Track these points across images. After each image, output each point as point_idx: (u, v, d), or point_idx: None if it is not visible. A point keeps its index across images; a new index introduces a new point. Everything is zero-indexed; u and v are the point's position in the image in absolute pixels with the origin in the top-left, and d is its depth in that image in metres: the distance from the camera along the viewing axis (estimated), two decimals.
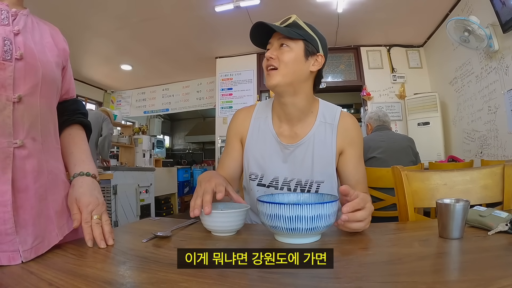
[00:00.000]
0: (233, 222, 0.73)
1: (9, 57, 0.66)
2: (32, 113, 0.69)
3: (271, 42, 0.98)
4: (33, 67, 0.70)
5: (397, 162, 1.93)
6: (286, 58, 0.94)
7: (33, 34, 0.76)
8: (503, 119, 2.77)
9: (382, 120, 2.58)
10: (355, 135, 1.04)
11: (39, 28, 0.80)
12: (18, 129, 0.66)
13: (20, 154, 0.65)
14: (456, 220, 0.62)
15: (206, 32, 4.11)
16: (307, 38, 0.97)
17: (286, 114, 1.03)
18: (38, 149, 0.70)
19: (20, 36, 0.70)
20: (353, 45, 4.50)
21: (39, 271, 0.51)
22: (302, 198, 0.78)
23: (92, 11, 3.46)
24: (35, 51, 0.72)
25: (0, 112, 0.63)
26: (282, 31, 0.94)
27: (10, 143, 0.64)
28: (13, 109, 0.65)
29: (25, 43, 0.70)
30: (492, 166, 1.02)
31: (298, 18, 0.98)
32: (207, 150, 8.77)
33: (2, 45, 0.66)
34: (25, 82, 0.68)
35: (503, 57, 2.70)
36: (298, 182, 1.02)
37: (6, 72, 0.65)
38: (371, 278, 0.46)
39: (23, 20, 0.74)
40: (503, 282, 0.40)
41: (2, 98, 0.64)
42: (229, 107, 4.77)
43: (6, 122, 0.64)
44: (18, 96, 0.66)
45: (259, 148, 1.06)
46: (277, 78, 0.95)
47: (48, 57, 0.76)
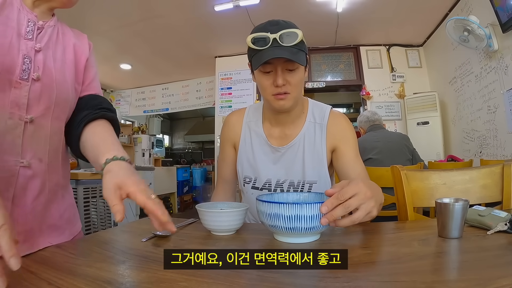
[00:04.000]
0: (233, 221, 0.73)
1: (26, 77, 0.65)
2: (41, 134, 0.69)
3: (273, 63, 0.89)
4: (49, 89, 0.69)
5: (394, 162, 1.92)
6: (297, 82, 0.92)
7: (55, 50, 0.74)
8: (502, 119, 2.77)
9: (371, 120, 2.56)
10: (346, 131, 1.03)
11: (63, 41, 0.78)
12: (26, 149, 0.66)
13: (25, 174, 0.65)
14: (455, 220, 0.62)
15: (206, 31, 4.11)
16: (306, 51, 0.93)
17: (278, 119, 1.04)
18: (43, 170, 0.69)
19: (41, 54, 0.69)
20: (353, 44, 4.50)
21: (39, 270, 0.50)
22: (301, 198, 0.78)
23: (91, 10, 3.45)
24: (53, 71, 0.70)
25: (11, 131, 0.63)
26: (296, 60, 0.86)
27: (17, 162, 0.64)
28: (24, 129, 0.65)
29: (45, 62, 0.69)
30: (492, 166, 1.02)
31: (303, 35, 0.89)
32: (207, 149, 8.77)
33: (21, 63, 0.65)
34: (39, 103, 0.67)
35: (502, 56, 2.70)
36: (290, 183, 1.03)
37: (22, 92, 0.64)
38: (370, 278, 0.46)
39: (48, 34, 0.72)
40: (502, 281, 0.40)
41: (15, 117, 0.63)
42: (229, 106, 4.76)
43: (16, 142, 0.64)
44: (31, 118, 0.65)
45: (251, 152, 1.07)
46: (290, 102, 0.94)
47: (66, 76, 0.74)
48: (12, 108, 0.63)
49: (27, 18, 0.69)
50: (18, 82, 0.63)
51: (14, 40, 0.65)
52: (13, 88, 0.63)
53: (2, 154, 0.62)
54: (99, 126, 0.77)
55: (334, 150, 1.03)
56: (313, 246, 0.63)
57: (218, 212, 0.73)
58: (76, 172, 2.36)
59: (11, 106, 0.63)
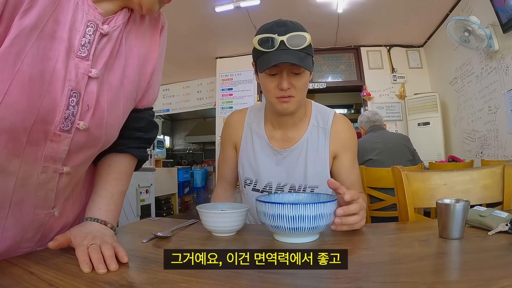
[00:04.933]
0: (233, 222, 0.73)
1: (69, 128, 0.49)
2: (76, 180, 0.61)
3: (279, 66, 0.86)
4: (95, 139, 0.55)
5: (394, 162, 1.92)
6: (302, 85, 0.91)
7: (114, 68, 0.53)
8: (503, 119, 2.77)
9: (372, 120, 2.56)
10: (348, 138, 1.04)
11: (127, 45, 0.56)
12: (58, 199, 0.58)
13: (52, 218, 0.61)
14: (456, 220, 0.62)
15: (206, 32, 4.11)
16: (312, 54, 0.92)
17: (281, 121, 1.03)
18: (70, 206, 0.64)
19: (95, 83, 0.49)
20: (353, 45, 4.50)
21: (39, 271, 0.50)
22: (300, 198, 0.78)
23: None
24: (106, 107, 0.53)
25: (44, 185, 0.54)
26: (303, 65, 0.84)
27: (48, 214, 0.58)
28: (58, 181, 0.55)
29: (98, 97, 0.51)
30: (492, 166, 1.02)
31: (310, 38, 0.87)
32: (208, 150, 8.78)
33: (65, 106, 0.47)
34: (80, 154, 0.55)
35: (503, 57, 2.70)
36: (291, 187, 1.02)
37: (61, 146, 0.50)
38: (371, 278, 0.46)
39: (111, 43, 0.52)
40: (503, 282, 0.40)
41: (49, 170, 0.52)
42: (230, 107, 4.77)
43: (49, 196, 0.55)
44: (68, 171, 0.55)
45: (252, 154, 1.06)
46: (294, 105, 0.94)
47: (120, 108, 0.57)
48: (46, 162, 0.51)
49: (86, 20, 0.47)
50: (57, 134, 0.48)
51: (60, 63, 0.45)
52: (49, 141, 0.49)
53: (33, 208, 0.55)
54: (115, 167, 0.66)
55: (335, 157, 1.03)
56: (314, 246, 0.63)
57: (218, 213, 0.73)
58: None
59: (45, 159, 0.51)
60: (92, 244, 0.52)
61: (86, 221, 0.61)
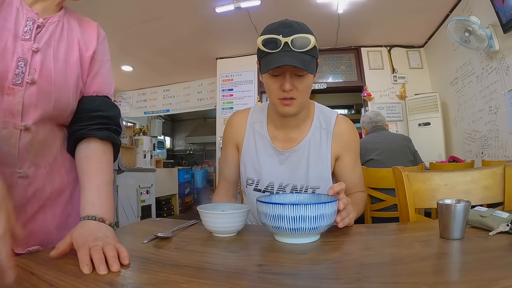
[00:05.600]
0: (234, 223, 0.73)
1: (20, 81, 0.60)
2: (39, 140, 0.65)
3: (283, 67, 0.87)
4: (46, 94, 0.63)
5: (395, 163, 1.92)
6: (305, 88, 0.91)
7: (57, 48, 0.67)
8: (504, 120, 2.77)
9: (374, 121, 2.57)
10: (351, 140, 1.04)
11: (69, 37, 0.71)
12: (23, 158, 0.62)
13: (23, 183, 0.62)
14: (457, 221, 0.62)
15: (207, 33, 4.11)
16: (317, 56, 0.91)
17: (283, 122, 1.03)
18: (42, 175, 0.66)
19: (39, 54, 0.63)
20: (354, 45, 4.50)
21: (40, 271, 0.50)
22: (301, 199, 0.78)
23: (93, 12, 3.47)
24: (53, 72, 0.65)
25: (6, 141, 0.59)
26: (306, 68, 0.84)
27: (14, 173, 0.61)
28: (20, 137, 0.61)
29: (43, 63, 0.63)
30: (493, 167, 1.02)
31: (315, 40, 0.87)
32: (208, 151, 8.77)
33: (15, 67, 0.60)
34: (36, 109, 0.62)
35: (503, 57, 2.70)
36: (293, 187, 1.02)
37: (16, 98, 0.59)
38: (372, 279, 0.46)
39: (49, 32, 0.66)
40: (504, 282, 0.40)
41: (9, 126, 0.59)
42: (230, 107, 4.77)
43: (12, 152, 0.60)
44: (25, 126, 0.61)
45: (255, 154, 1.06)
46: (296, 107, 0.93)
47: (68, 78, 0.68)
48: (5, 117, 0.59)
49: (26, 17, 0.63)
50: (11, 88, 0.59)
51: (9, 44, 0.60)
52: (5, 95, 0.59)
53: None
54: (93, 157, 0.70)
55: (337, 159, 1.04)
56: (315, 246, 0.63)
57: (219, 213, 0.73)
58: None
59: (4, 114, 0.59)
60: (95, 246, 0.53)
61: (84, 221, 0.62)
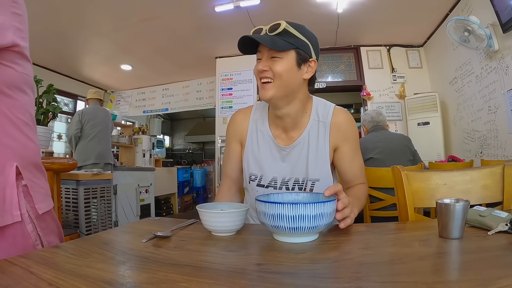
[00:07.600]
0: (233, 222, 0.73)
1: None
2: None
3: (261, 51, 0.95)
4: None
5: (395, 162, 1.93)
6: (279, 69, 0.92)
7: None
8: (503, 119, 2.77)
9: (375, 120, 2.57)
10: (348, 130, 1.04)
11: None
12: None
13: None
14: (456, 220, 0.62)
15: (206, 32, 4.11)
16: (298, 46, 0.93)
17: (281, 123, 1.05)
18: None
19: None
20: (353, 45, 4.50)
21: (39, 271, 0.50)
22: (299, 198, 0.78)
23: (92, 11, 3.46)
24: None
25: None
26: (270, 45, 0.90)
27: None
28: None
29: None
30: (492, 166, 1.02)
31: (288, 25, 0.92)
32: (207, 150, 8.77)
33: None
34: None
35: (503, 57, 2.70)
36: (295, 181, 1.03)
37: None
38: (371, 278, 0.46)
39: None
40: (503, 282, 0.40)
41: None
42: (229, 107, 4.77)
43: None
44: None
45: (258, 150, 1.07)
46: (272, 91, 0.94)
47: None
48: None
49: None
50: None
51: None
52: None
53: None
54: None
55: (336, 149, 1.04)
56: (313, 246, 0.63)
57: (218, 212, 0.73)
58: (76, 173, 2.35)
59: None
60: None
61: None
